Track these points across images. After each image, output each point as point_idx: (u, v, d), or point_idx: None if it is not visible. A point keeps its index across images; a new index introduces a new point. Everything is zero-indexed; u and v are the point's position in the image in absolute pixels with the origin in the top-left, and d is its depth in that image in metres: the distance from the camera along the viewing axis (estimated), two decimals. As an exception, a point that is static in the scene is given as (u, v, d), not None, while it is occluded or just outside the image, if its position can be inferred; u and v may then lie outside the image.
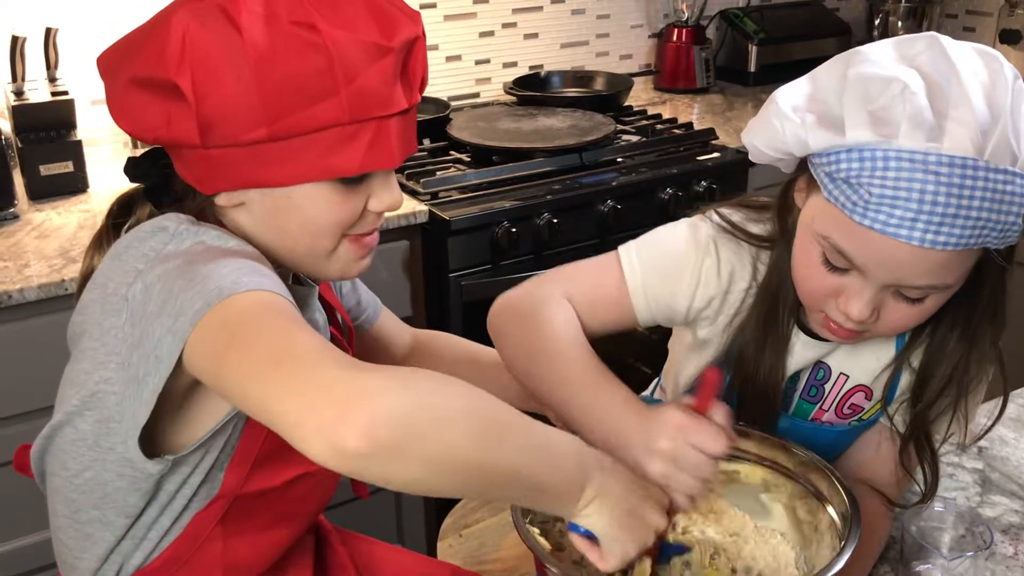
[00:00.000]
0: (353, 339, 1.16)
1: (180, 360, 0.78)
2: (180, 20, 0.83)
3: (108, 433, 0.86)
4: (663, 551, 0.94)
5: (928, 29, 3.10)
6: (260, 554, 1.00)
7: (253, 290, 0.78)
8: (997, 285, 0.95)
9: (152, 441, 0.87)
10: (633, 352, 2.13)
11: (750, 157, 1.00)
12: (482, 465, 0.74)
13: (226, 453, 0.92)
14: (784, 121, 0.91)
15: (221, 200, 0.91)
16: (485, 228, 2.00)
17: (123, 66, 0.87)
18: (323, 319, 1.07)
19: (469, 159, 2.21)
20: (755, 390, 1.03)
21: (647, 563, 0.92)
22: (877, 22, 3.14)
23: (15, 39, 1.94)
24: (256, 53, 0.81)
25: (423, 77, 0.93)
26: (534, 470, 0.78)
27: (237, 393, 0.75)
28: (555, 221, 2.03)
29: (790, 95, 0.92)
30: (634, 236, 1.09)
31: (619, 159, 2.25)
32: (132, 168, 0.96)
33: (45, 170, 1.96)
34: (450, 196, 2.03)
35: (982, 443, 1.26)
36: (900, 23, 3.10)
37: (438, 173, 2.11)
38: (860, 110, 0.85)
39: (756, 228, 1.03)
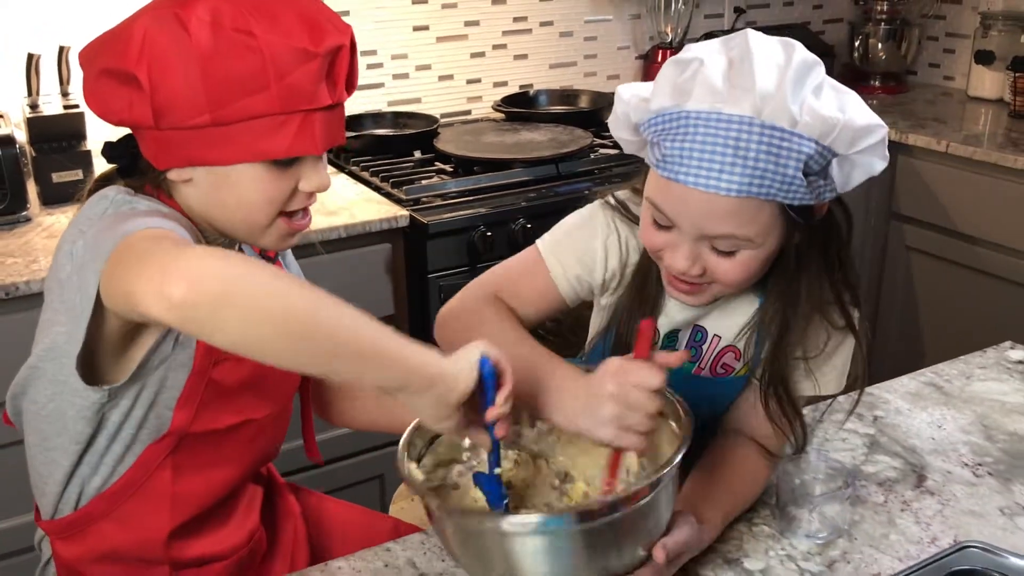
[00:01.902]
0: None
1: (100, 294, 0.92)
2: (141, 23, 0.99)
3: (62, 368, 1.00)
4: (487, 486, 1.00)
5: (908, 52, 3.23)
6: (206, 489, 1.14)
7: (152, 228, 0.92)
8: (835, 255, 1.09)
9: (98, 377, 1.02)
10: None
11: (624, 149, 1.15)
12: (311, 326, 0.81)
13: (170, 393, 1.06)
14: (620, 104, 1.06)
15: (172, 175, 1.06)
16: (463, 232, 2.13)
17: (96, 59, 1.03)
18: None
19: (452, 169, 2.36)
20: (629, 349, 1.15)
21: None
22: (858, 44, 3.26)
23: (31, 56, 2.12)
24: (201, 52, 0.97)
25: (349, 79, 1.07)
26: (375, 343, 0.84)
27: (117, 300, 0.88)
28: (529, 226, 2.16)
29: (630, 87, 1.07)
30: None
31: (594, 170, 2.38)
32: (108, 150, 1.11)
33: (57, 177, 2.11)
34: (431, 202, 2.18)
35: (878, 412, 1.37)
36: (880, 45, 3.22)
37: (422, 181, 2.26)
38: (667, 84, 1.00)
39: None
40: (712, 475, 1.12)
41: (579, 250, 1.17)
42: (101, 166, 2.22)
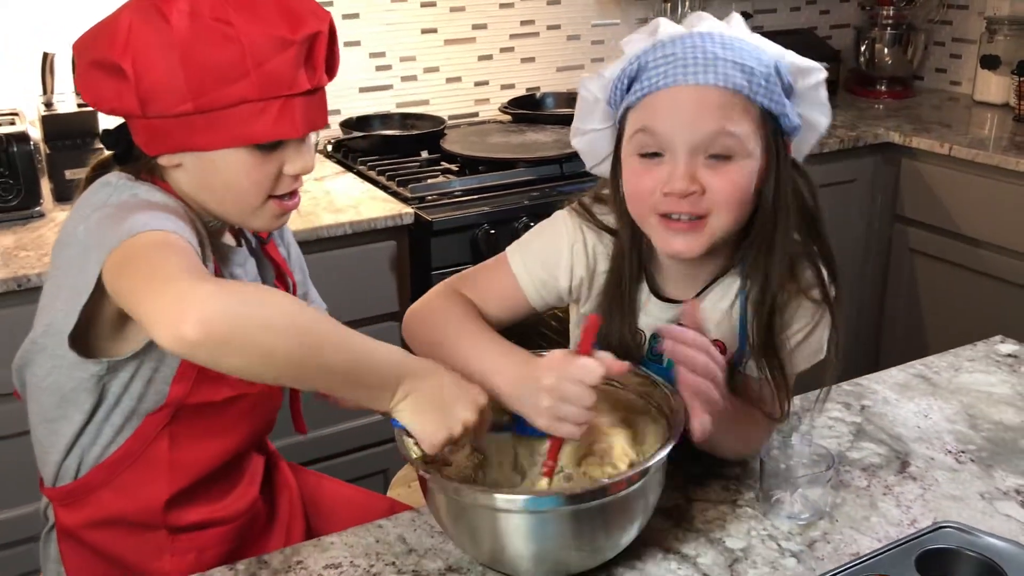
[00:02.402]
0: (296, 292, 1.33)
1: (102, 282, 0.98)
2: (126, 15, 1.04)
3: (60, 343, 1.05)
4: None
5: (914, 57, 3.25)
6: (202, 458, 1.18)
7: (155, 230, 0.97)
8: (808, 221, 1.14)
9: (97, 351, 1.08)
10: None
11: (587, 165, 1.23)
12: (300, 361, 0.92)
13: (168, 368, 1.10)
14: (585, 88, 1.15)
15: (163, 161, 1.10)
16: (467, 230, 2.17)
17: (86, 51, 1.07)
18: (252, 274, 1.24)
19: (458, 169, 2.39)
20: (613, 350, 1.18)
21: (543, 481, 1.07)
22: (864, 48, 3.28)
23: (46, 56, 2.17)
24: (181, 42, 1.01)
25: (330, 64, 1.11)
26: (348, 369, 0.96)
27: (126, 306, 0.95)
28: (531, 225, 2.19)
29: (585, 80, 1.16)
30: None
31: (598, 170, 2.41)
32: (105, 137, 1.15)
33: (70, 174, 2.16)
34: (436, 201, 2.21)
35: (865, 401, 1.39)
36: (886, 50, 3.24)
37: (427, 180, 2.29)
38: (638, 37, 1.10)
39: (608, 219, 1.20)
40: None
41: (544, 255, 1.22)
42: (114, 164, 2.30)
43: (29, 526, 1.91)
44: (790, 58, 1.11)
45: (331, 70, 1.12)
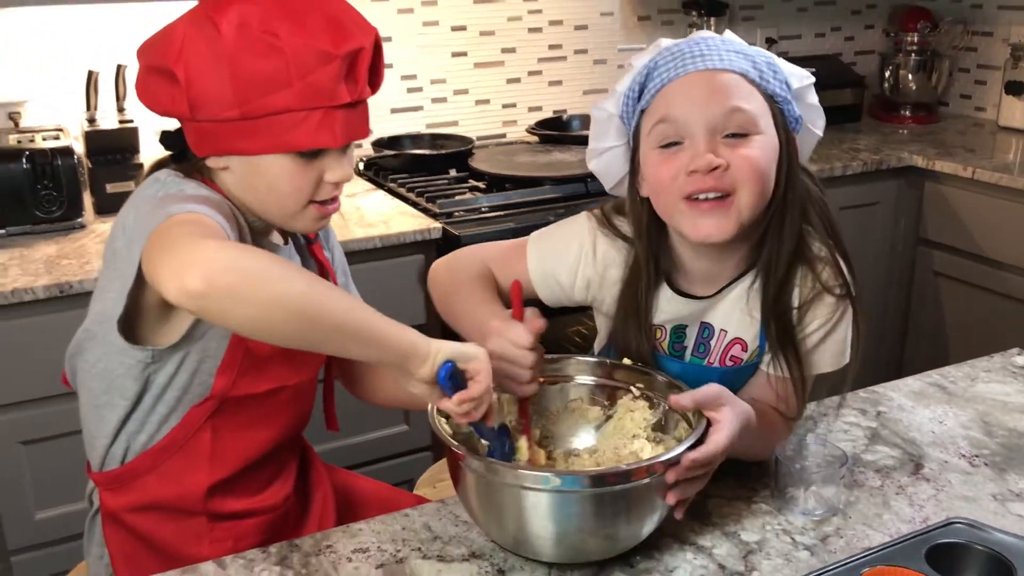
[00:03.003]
0: None
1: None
2: (182, 25, 1.10)
3: (111, 331, 1.10)
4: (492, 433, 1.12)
5: (938, 83, 3.28)
6: (242, 448, 1.23)
7: (188, 212, 1.02)
8: (819, 218, 1.19)
9: (144, 340, 1.13)
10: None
11: (606, 187, 1.29)
12: (307, 311, 0.94)
13: (212, 361, 1.16)
14: (598, 109, 1.23)
15: (211, 162, 1.16)
16: (493, 245, 2.22)
17: (145, 57, 1.14)
18: None
19: (485, 186, 2.45)
20: (628, 353, 1.24)
21: (524, 447, 1.15)
22: (888, 74, 3.32)
23: (91, 74, 2.25)
24: (230, 51, 1.07)
25: (374, 77, 1.17)
26: (360, 324, 0.98)
27: (149, 277, 0.99)
28: (557, 240, 2.24)
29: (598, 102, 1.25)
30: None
31: (623, 189, 2.46)
32: (164, 138, 1.22)
33: (111, 188, 2.24)
34: (463, 216, 2.27)
35: (881, 408, 1.42)
36: (911, 76, 3.27)
37: (455, 197, 2.35)
38: (644, 53, 1.18)
39: (627, 229, 1.25)
40: None
41: (556, 250, 1.28)
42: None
43: (80, 523, 1.97)
44: (781, 62, 1.20)
45: (374, 83, 1.17)
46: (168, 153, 1.23)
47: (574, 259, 1.26)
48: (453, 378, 1.03)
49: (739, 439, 1.10)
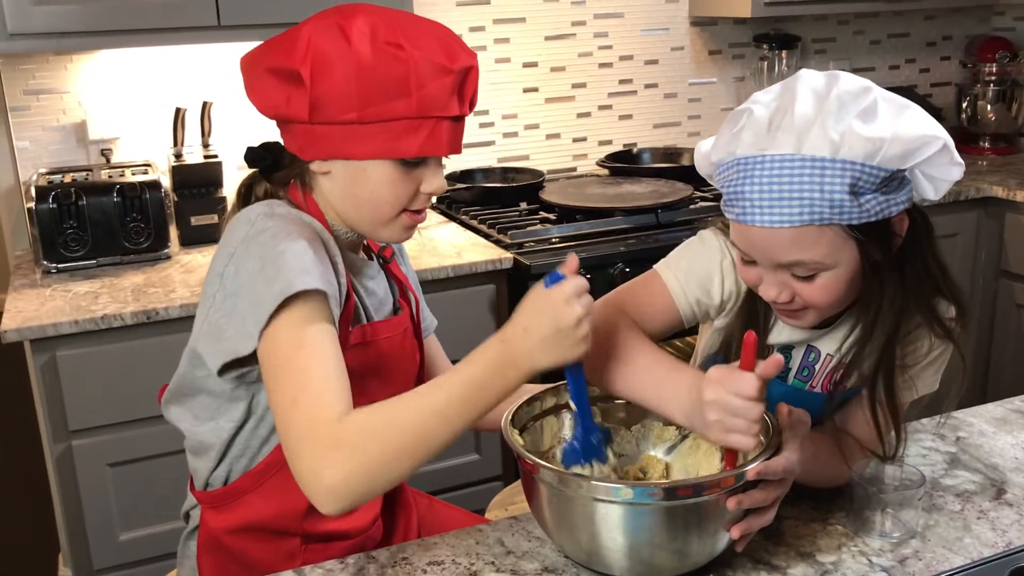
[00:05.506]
0: (419, 309, 1.42)
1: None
2: (307, 29, 1.15)
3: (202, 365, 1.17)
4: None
5: (1018, 113, 3.22)
6: None
7: (301, 291, 1.07)
8: (920, 263, 1.14)
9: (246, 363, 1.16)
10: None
11: None
12: (429, 443, 1.03)
13: None
14: (696, 159, 1.21)
15: (314, 167, 1.20)
16: (564, 275, 2.24)
17: (261, 60, 1.18)
18: (383, 287, 1.34)
19: (555, 218, 2.48)
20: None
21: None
22: (966, 105, 3.27)
23: (178, 111, 2.35)
24: (360, 58, 1.12)
25: (473, 97, 1.21)
26: (464, 407, 1.04)
27: (275, 413, 1.08)
28: (628, 271, 2.26)
29: (701, 144, 1.20)
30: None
31: (694, 220, 2.46)
32: (249, 155, 1.26)
33: (195, 220, 2.33)
34: (534, 247, 2.30)
35: (961, 433, 1.39)
36: (989, 107, 3.22)
37: (526, 228, 2.38)
38: (722, 136, 1.12)
39: None
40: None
41: (698, 274, 1.26)
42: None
43: (164, 544, 2.03)
44: (898, 132, 1.05)
45: (472, 103, 1.22)
46: (253, 170, 1.28)
47: (719, 276, 1.25)
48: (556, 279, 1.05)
49: (813, 462, 1.08)
